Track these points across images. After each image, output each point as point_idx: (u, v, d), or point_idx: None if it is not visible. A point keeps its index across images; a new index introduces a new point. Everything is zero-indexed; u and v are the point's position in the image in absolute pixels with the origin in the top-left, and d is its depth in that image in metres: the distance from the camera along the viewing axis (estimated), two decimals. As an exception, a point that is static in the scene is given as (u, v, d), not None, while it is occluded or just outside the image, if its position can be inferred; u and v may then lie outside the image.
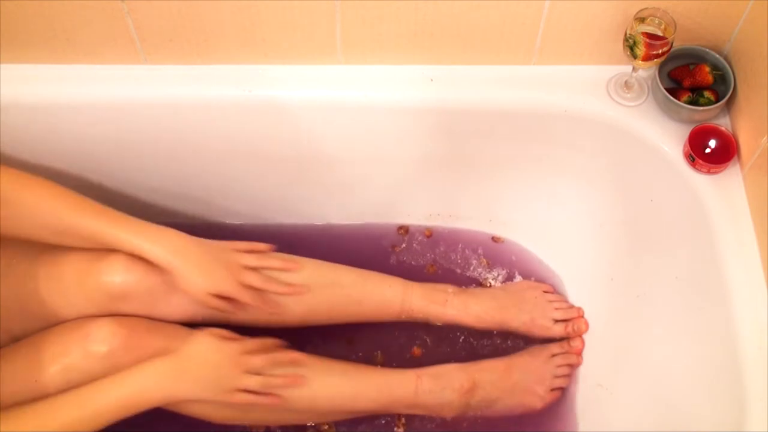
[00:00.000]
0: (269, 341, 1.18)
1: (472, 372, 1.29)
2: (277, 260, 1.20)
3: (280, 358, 1.17)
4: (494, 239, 1.49)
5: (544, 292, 1.39)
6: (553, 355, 1.34)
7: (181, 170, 1.35)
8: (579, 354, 1.34)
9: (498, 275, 1.45)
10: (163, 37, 1.18)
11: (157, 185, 1.39)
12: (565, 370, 1.33)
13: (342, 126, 1.27)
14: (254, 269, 1.17)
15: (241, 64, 1.23)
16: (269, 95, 1.23)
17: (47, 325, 1.12)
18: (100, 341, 1.08)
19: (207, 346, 1.11)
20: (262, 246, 1.21)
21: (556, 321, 1.35)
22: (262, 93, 1.23)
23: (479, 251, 1.48)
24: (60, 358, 1.07)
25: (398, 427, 1.31)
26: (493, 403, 1.29)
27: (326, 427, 1.30)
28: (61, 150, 1.29)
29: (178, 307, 1.17)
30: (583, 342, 1.35)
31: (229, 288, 1.13)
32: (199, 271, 1.11)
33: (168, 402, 1.09)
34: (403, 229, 1.49)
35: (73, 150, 1.29)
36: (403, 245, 1.49)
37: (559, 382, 1.32)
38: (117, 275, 1.12)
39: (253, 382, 1.12)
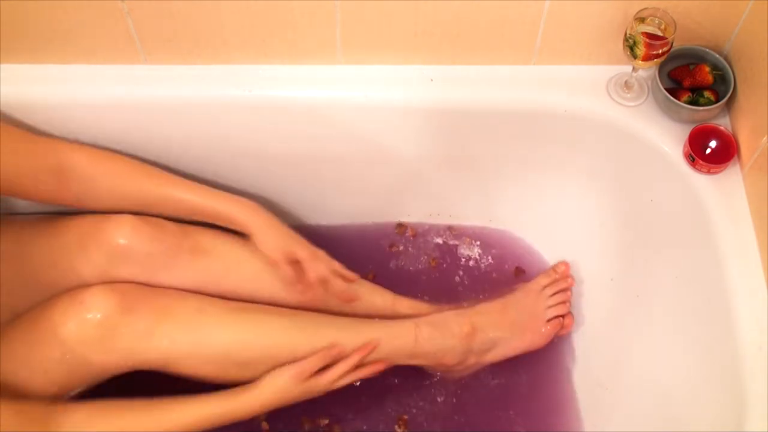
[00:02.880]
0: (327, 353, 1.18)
1: (469, 315, 1.29)
2: (338, 265, 1.24)
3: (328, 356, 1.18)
4: (487, 231, 1.49)
5: (544, 288, 1.36)
6: (544, 287, 1.35)
7: (181, 170, 1.35)
8: (566, 277, 1.36)
9: (500, 274, 1.45)
10: (163, 37, 1.18)
11: (157, 185, 1.39)
12: (558, 298, 1.34)
13: (342, 126, 1.27)
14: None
15: (241, 64, 1.23)
16: (269, 95, 1.23)
17: (49, 295, 1.13)
18: (94, 308, 1.09)
19: (281, 386, 1.14)
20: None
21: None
22: (262, 93, 1.22)
23: (479, 249, 1.48)
24: (57, 329, 1.07)
25: (399, 427, 1.31)
26: (494, 344, 1.29)
27: (338, 428, 1.31)
28: (61, 150, 1.29)
29: (178, 278, 1.18)
30: (566, 263, 1.37)
31: (306, 253, 1.18)
32: (277, 232, 1.18)
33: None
34: (402, 228, 1.49)
35: (73, 150, 1.29)
36: (401, 247, 1.48)
37: (553, 311, 1.33)
38: (121, 236, 1.14)
39: (323, 385, 1.17)
